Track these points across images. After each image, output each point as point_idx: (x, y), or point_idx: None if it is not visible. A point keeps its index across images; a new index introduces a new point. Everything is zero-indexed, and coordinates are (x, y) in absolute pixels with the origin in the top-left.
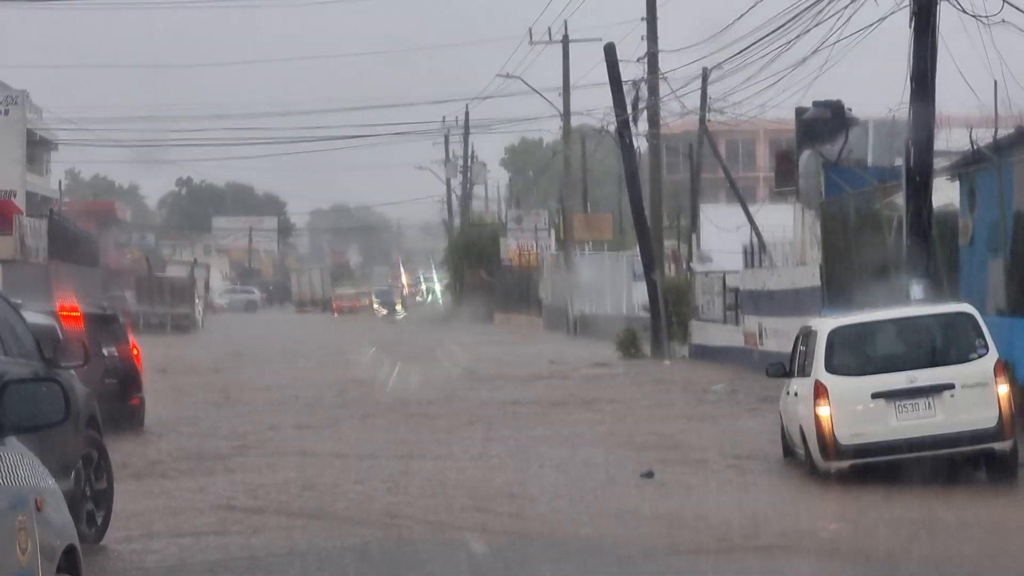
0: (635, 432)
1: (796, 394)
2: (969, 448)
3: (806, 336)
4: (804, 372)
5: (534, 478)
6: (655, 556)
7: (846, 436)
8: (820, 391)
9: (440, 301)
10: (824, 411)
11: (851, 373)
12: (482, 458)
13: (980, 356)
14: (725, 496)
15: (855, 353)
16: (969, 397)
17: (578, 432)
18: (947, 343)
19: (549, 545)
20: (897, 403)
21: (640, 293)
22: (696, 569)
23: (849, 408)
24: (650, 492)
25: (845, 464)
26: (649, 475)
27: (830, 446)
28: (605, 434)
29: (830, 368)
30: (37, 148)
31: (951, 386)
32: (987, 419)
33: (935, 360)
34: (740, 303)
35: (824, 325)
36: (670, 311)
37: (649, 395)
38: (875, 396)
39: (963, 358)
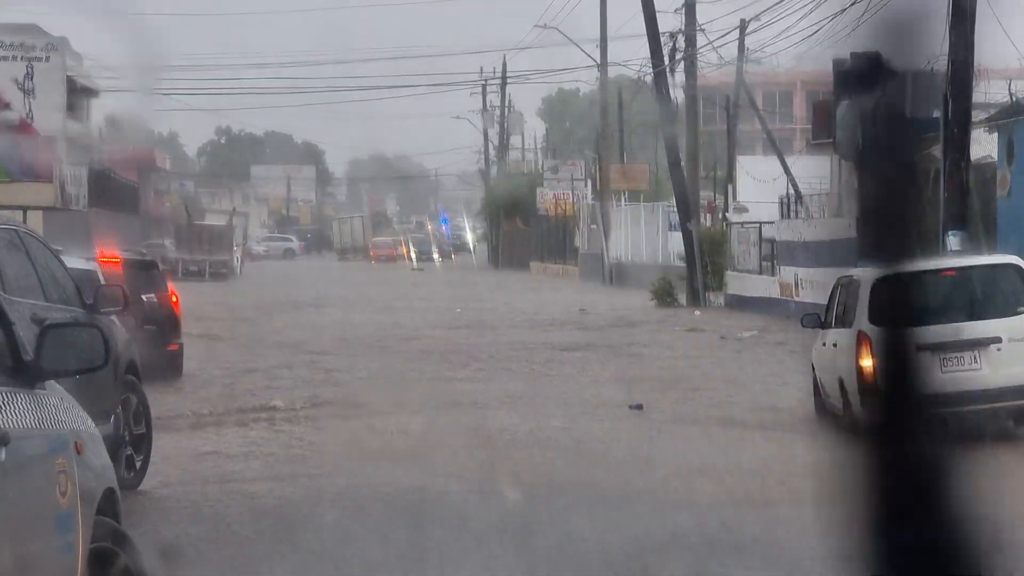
0: (651, 375)
1: (835, 345)
2: (1014, 403)
3: (846, 286)
4: (844, 323)
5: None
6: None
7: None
8: (863, 342)
9: (472, 250)
10: (867, 363)
11: (895, 324)
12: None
13: None
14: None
15: (900, 303)
16: (1016, 351)
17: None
18: (994, 295)
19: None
20: (942, 356)
21: (676, 243)
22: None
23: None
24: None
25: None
26: (638, 407)
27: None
28: (635, 377)
29: (874, 318)
30: (78, 95)
31: (998, 340)
32: None
33: (982, 313)
34: (776, 254)
35: (868, 275)
36: (706, 261)
37: (677, 342)
38: (920, 348)
39: (1011, 311)
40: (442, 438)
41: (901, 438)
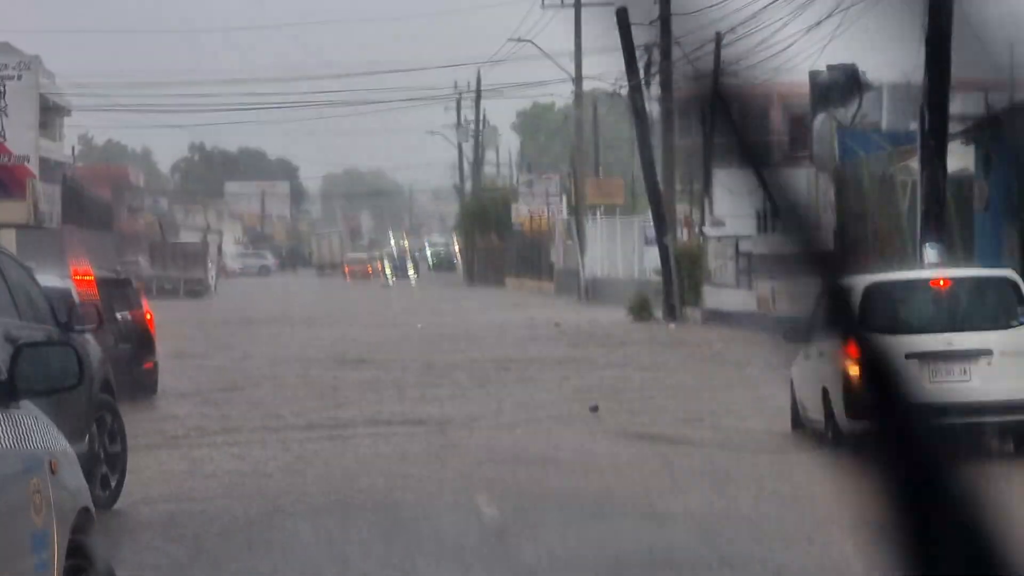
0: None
1: (821, 354)
2: (1002, 419)
3: (834, 296)
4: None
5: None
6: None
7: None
8: (850, 347)
9: (432, 267)
10: (854, 369)
11: (885, 332)
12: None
13: (1021, 324)
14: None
15: (890, 311)
16: (1007, 365)
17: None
18: (986, 308)
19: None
20: (931, 366)
21: (652, 258)
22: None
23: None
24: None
25: (873, 426)
26: (594, 409)
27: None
28: (603, 389)
29: (862, 325)
30: (50, 113)
31: (989, 352)
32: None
33: (973, 324)
34: (753, 267)
35: (859, 281)
36: (682, 276)
37: (650, 356)
38: (909, 357)
39: (1003, 324)
40: (414, 454)
41: (882, 448)
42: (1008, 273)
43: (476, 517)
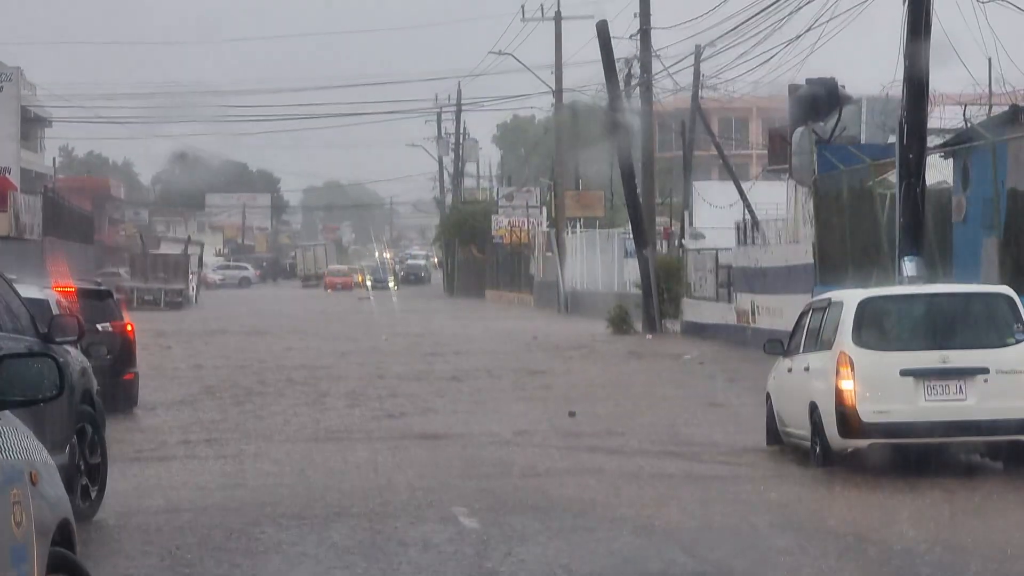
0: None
1: (807, 369)
2: (997, 437)
3: (821, 310)
4: (819, 346)
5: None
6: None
7: (869, 413)
8: (845, 363)
9: (399, 281)
10: (847, 384)
11: (879, 347)
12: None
13: (1018, 342)
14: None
15: (885, 327)
16: (1003, 384)
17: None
18: (983, 325)
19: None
20: (927, 383)
21: (632, 270)
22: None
23: (875, 383)
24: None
25: (865, 443)
26: (572, 414)
27: (851, 422)
28: (578, 400)
29: (857, 340)
30: (31, 125)
31: (985, 370)
32: (1020, 409)
33: (969, 342)
34: (732, 280)
35: (852, 296)
36: (662, 288)
37: (625, 369)
38: (904, 373)
39: (999, 342)
40: (389, 466)
41: (878, 465)
42: (1004, 289)
43: (456, 528)
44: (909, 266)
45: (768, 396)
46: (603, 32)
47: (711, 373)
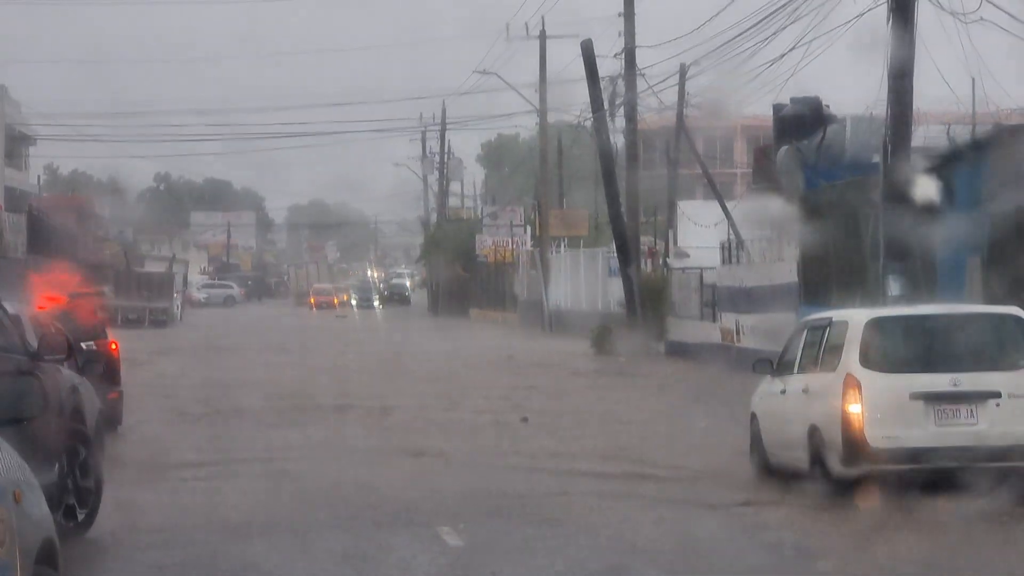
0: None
1: (806, 390)
2: (1010, 464)
3: (819, 329)
4: (818, 367)
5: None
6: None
7: (878, 438)
8: (852, 385)
9: (382, 300)
10: (855, 408)
11: (888, 370)
12: None
13: None
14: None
15: (893, 348)
16: (1016, 408)
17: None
18: (994, 347)
19: None
20: (937, 407)
21: (616, 289)
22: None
23: (884, 407)
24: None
25: (872, 469)
26: (524, 420)
27: (859, 447)
28: (546, 415)
29: (865, 362)
30: (16, 143)
31: (997, 394)
32: None
33: (981, 364)
34: (717, 300)
35: (857, 315)
36: (646, 308)
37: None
38: (914, 397)
39: (1011, 365)
40: (367, 485)
41: (875, 490)
42: (1014, 311)
43: (440, 547)
44: (893, 285)
45: (753, 416)
46: (588, 51)
47: (693, 392)
